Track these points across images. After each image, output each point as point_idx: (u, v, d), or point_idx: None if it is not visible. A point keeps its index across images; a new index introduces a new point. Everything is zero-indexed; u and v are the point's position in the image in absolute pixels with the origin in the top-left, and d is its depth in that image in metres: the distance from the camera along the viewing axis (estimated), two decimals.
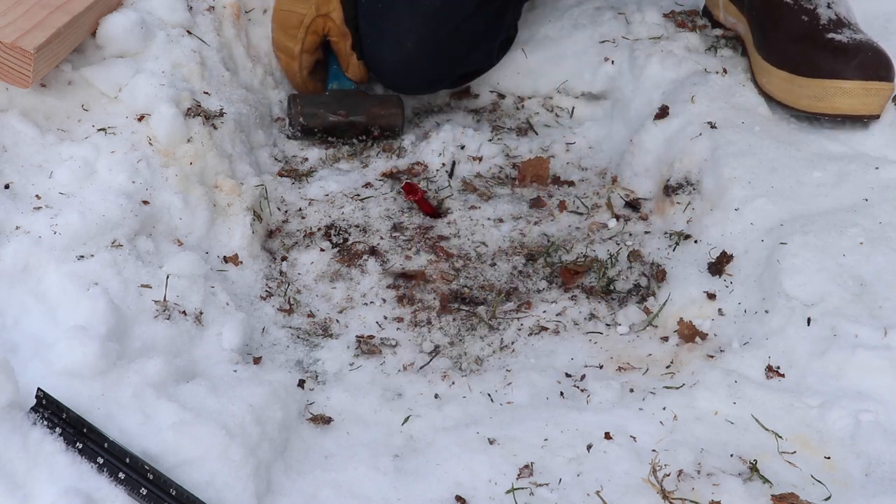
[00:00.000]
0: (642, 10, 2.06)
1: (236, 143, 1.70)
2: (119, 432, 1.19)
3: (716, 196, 1.62)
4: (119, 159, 1.51)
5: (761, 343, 1.42)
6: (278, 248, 1.69)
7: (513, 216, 1.75)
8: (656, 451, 1.28)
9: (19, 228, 1.38)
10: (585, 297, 1.60)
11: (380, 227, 1.72)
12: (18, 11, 1.53)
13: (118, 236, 1.42)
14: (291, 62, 1.92)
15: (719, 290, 1.52)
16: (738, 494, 1.23)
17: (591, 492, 1.24)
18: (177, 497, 1.14)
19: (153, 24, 1.70)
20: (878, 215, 1.53)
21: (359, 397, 1.41)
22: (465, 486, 1.26)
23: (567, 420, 1.34)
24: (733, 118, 1.73)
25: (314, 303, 1.60)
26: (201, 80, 1.71)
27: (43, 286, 1.34)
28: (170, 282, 1.42)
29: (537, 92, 2.05)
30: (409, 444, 1.34)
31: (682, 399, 1.36)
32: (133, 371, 1.25)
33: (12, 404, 1.14)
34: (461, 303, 1.60)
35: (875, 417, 1.30)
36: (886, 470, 1.26)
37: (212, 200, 1.60)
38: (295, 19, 1.90)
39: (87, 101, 1.59)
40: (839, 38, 1.70)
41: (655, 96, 1.87)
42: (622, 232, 1.70)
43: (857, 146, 1.69)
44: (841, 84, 1.67)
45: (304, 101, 1.91)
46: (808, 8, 1.76)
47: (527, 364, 1.48)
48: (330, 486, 1.26)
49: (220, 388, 1.29)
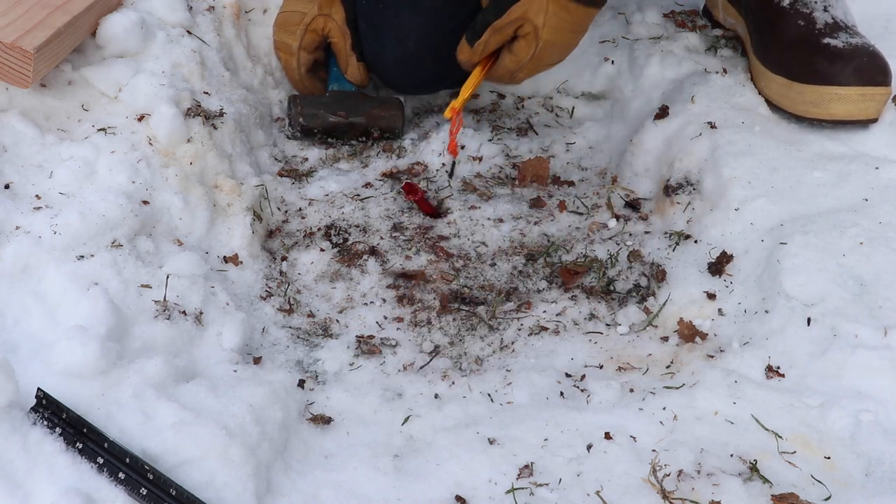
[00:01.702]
0: (642, 10, 2.06)
1: (236, 143, 1.70)
2: (119, 432, 1.19)
3: (716, 196, 1.63)
4: (119, 159, 1.51)
5: (761, 343, 1.42)
6: (278, 248, 1.69)
7: (513, 216, 1.75)
8: (656, 451, 1.28)
9: (19, 228, 1.38)
10: (585, 297, 1.60)
11: (380, 227, 1.72)
12: (18, 11, 1.53)
13: (118, 236, 1.42)
14: (290, 59, 1.93)
15: (719, 290, 1.52)
16: (738, 494, 1.23)
17: (591, 492, 1.24)
18: (177, 497, 1.14)
19: (153, 24, 1.70)
20: (879, 215, 1.53)
21: (359, 397, 1.41)
22: (465, 486, 1.26)
23: (567, 420, 1.34)
24: (733, 118, 1.73)
25: (314, 303, 1.60)
26: (201, 80, 1.71)
27: (43, 286, 1.34)
28: (170, 282, 1.42)
29: (537, 92, 2.05)
30: (409, 444, 1.34)
31: (682, 399, 1.36)
32: (133, 371, 1.25)
33: (12, 404, 1.14)
34: (461, 303, 1.60)
35: (875, 417, 1.30)
36: (886, 470, 1.26)
37: (212, 200, 1.60)
38: (296, 18, 1.91)
39: (87, 101, 1.59)
40: (835, 44, 1.70)
41: (655, 96, 1.87)
42: (622, 232, 1.70)
43: (857, 146, 1.69)
44: (837, 90, 1.67)
45: (304, 102, 1.91)
46: (804, 12, 1.75)
47: (527, 364, 1.48)
48: (330, 486, 1.26)
49: (220, 388, 1.29)
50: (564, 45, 1.70)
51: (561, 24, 1.64)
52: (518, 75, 1.74)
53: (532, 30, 1.65)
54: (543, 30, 1.64)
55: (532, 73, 1.74)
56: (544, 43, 1.66)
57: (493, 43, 1.70)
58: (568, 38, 1.68)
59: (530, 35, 1.66)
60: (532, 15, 1.64)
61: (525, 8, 1.64)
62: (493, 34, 1.68)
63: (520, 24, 1.65)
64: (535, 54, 1.68)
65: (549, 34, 1.65)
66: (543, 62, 1.71)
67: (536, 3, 1.63)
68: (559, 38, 1.67)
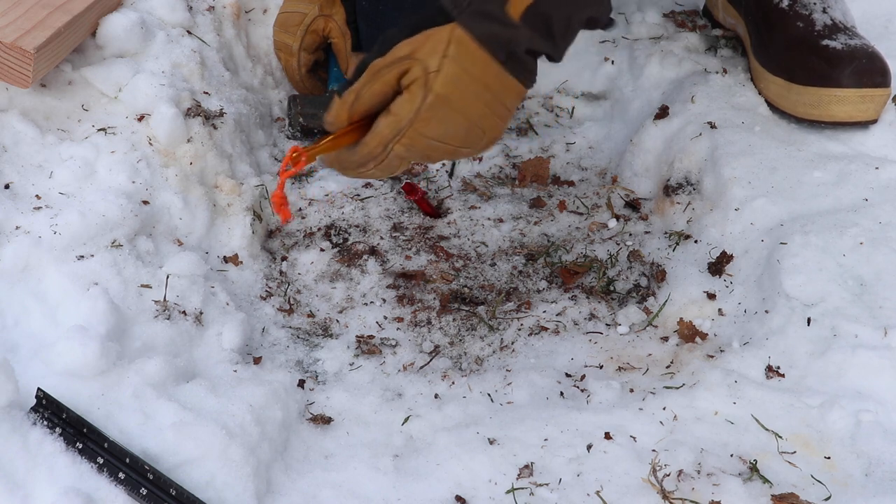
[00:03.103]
0: (642, 10, 2.06)
1: (236, 143, 1.70)
2: (119, 432, 1.19)
3: (716, 196, 1.63)
4: (119, 159, 1.51)
5: (761, 343, 1.42)
6: (278, 248, 1.69)
7: (513, 216, 1.75)
8: (656, 451, 1.28)
9: (19, 228, 1.38)
10: (585, 297, 1.60)
11: (380, 227, 1.72)
12: (18, 11, 1.53)
13: (118, 236, 1.42)
14: (290, 59, 1.92)
15: (719, 290, 1.52)
16: (738, 494, 1.23)
17: (591, 492, 1.24)
18: (177, 497, 1.14)
19: (153, 24, 1.70)
20: (879, 215, 1.53)
21: (359, 397, 1.41)
22: (465, 486, 1.26)
23: (567, 420, 1.34)
24: (733, 118, 1.73)
25: (314, 303, 1.60)
26: (201, 80, 1.71)
27: (43, 286, 1.34)
28: (170, 282, 1.42)
29: (537, 92, 2.05)
30: (409, 444, 1.34)
31: (682, 399, 1.36)
32: (133, 371, 1.25)
33: (12, 404, 1.14)
34: (461, 303, 1.60)
35: (875, 417, 1.30)
36: (886, 470, 1.26)
37: (212, 200, 1.60)
38: (297, 18, 1.91)
39: (87, 101, 1.59)
40: (834, 45, 1.70)
41: (655, 96, 1.87)
42: (622, 232, 1.70)
43: (857, 146, 1.69)
44: (836, 92, 1.67)
45: (304, 102, 1.91)
46: (803, 14, 1.74)
47: (527, 364, 1.48)
48: (330, 486, 1.26)
49: (220, 388, 1.29)
50: (464, 111, 1.19)
51: (462, 75, 1.17)
52: (393, 147, 1.20)
53: (421, 74, 1.17)
54: (437, 77, 1.16)
55: (412, 148, 1.20)
56: (435, 98, 1.17)
57: (368, 94, 1.20)
58: (470, 103, 1.19)
59: (418, 82, 1.17)
60: (424, 54, 1.16)
61: (416, 45, 1.17)
62: (369, 80, 1.19)
63: (406, 66, 1.17)
64: (419, 113, 1.17)
65: (443, 85, 1.16)
66: (431, 130, 1.19)
67: (434, 39, 1.16)
68: (457, 96, 1.18)
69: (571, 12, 1.20)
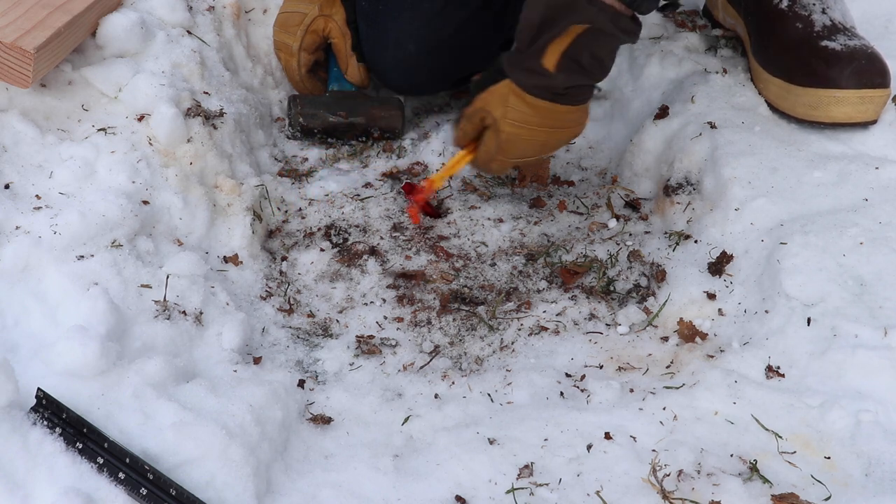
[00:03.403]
0: None
1: (236, 143, 1.70)
2: (119, 432, 1.19)
3: (716, 196, 1.62)
4: (119, 159, 1.51)
5: (761, 343, 1.42)
6: (278, 248, 1.69)
7: (513, 216, 1.75)
8: (656, 451, 1.28)
9: (19, 228, 1.38)
10: (585, 297, 1.60)
11: (380, 227, 1.72)
12: (18, 11, 1.53)
13: (118, 236, 1.42)
14: (290, 59, 1.93)
15: (719, 290, 1.52)
16: (738, 494, 1.23)
17: (591, 492, 1.24)
18: (177, 497, 1.14)
19: (153, 24, 1.70)
20: (878, 215, 1.53)
21: (359, 397, 1.41)
22: (465, 486, 1.26)
23: (567, 420, 1.34)
24: (733, 118, 1.73)
25: (314, 303, 1.60)
26: (201, 80, 1.71)
27: (43, 286, 1.34)
28: (170, 282, 1.42)
29: None
30: (409, 444, 1.34)
31: (682, 399, 1.36)
32: (133, 371, 1.25)
33: (12, 404, 1.14)
34: (461, 303, 1.60)
35: (875, 417, 1.30)
36: (886, 470, 1.26)
37: (212, 200, 1.60)
38: (297, 18, 1.91)
39: (87, 101, 1.59)
40: (833, 46, 1.69)
41: (655, 96, 1.87)
42: (622, 232, 1.70)
43: (857, 146, 1.69)
44: (835, 93, 1.67)
45: (304, 102, 1.91)
46: (802, 14, 1.74)
47: (527, 364, 1.48)
48: (330, 486, 1.26)
49: (220, 388, 1.29)
50: (535, 141, 1.55)
51: (525, 118, 1.52)
52: (491, 165, 1.60)
53: (491, 121, 1.55)
54: (503, 122, 1.52)
55: (505, 164, 1.60)
56: (507, 136, 1.53)
57: (468, 129, 1.59)
58: (539, 135, 1.54)
59: (493, 126, 1.55)
60: (491, 106, 1.54)
61: (486, 99, 1.54)
62: (465, 121, 1.59)
63: (482, 115, 1.55)
64: (499, 146, 1.55)
65: (510, 127, 1.52)
66: (513, 154, 1.57)
67: (497, 93, 1.52)
68: (525, 133, 1.53)
69: (595, 50, 1.48)
